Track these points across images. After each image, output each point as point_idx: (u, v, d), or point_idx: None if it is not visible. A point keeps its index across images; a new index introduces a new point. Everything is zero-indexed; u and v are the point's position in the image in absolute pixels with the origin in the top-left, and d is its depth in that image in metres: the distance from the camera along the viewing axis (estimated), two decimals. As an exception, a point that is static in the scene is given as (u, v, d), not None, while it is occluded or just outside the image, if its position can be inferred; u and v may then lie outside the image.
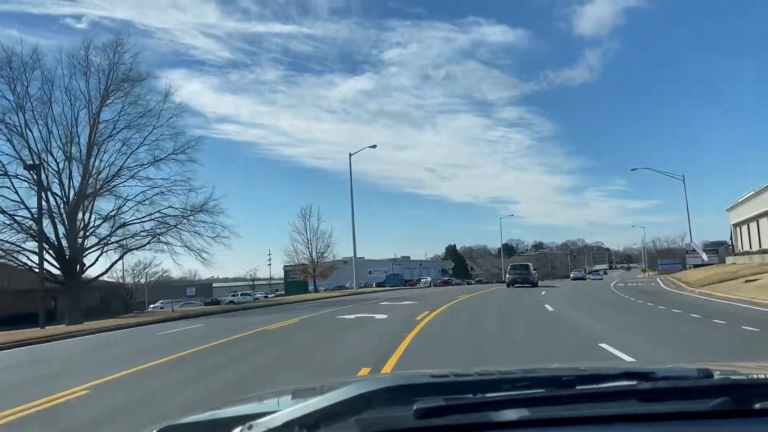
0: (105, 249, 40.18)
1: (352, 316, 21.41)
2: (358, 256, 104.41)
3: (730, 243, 68.50)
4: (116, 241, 40.32)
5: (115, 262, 41.14)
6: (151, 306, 78.82)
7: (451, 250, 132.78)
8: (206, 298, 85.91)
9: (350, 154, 57.41)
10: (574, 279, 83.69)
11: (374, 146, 58.83)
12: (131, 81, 39.21)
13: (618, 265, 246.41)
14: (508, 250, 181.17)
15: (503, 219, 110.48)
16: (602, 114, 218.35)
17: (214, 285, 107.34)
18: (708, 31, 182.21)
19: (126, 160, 39.28)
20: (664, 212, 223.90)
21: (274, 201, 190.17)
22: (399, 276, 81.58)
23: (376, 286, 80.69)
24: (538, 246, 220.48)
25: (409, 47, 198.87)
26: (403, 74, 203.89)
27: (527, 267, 51.01)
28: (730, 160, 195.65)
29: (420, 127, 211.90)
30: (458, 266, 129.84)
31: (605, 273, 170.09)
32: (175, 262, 74.45)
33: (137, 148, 39.49)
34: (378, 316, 20.80)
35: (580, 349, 11.40)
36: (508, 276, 49.14)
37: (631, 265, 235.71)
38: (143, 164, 39.85)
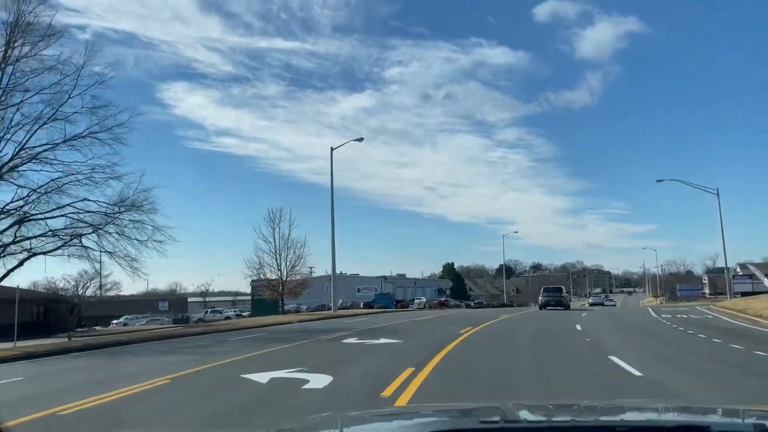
0: (3, 253, 30.17)
1: (263, 380, 11.16)
2: (350, 272, 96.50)
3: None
4: (15, 242, 30.29)
5: (12, 269, 30.97)
6: (114, 322, 69.50)
7: (449, 269, 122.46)
8: (179, 313, 76.35)
9: (332, 148, 47.56)
10: (593, 305, 72.67)
11: (361, 139, 53.10)
12: (42, 35, 29.28)
13: (618, 289, 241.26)
14: (507, 271, 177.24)
15: (505, 236, 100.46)
16: (602, 137, 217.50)
17: (191, 300, 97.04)
18: (710, 57, 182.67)
19: (29, 137, 29.35)
20: (662, 237, 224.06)
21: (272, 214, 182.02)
22: (390, 296, 71.63)
23: (364, 306, 70.58)
24: (536, 267, 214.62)
25: (410, 66, 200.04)
26: (404, 93, 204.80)
27: (560, 290, 50.29)
28: (735, 184, 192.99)
29: (420, 146, 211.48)
30: (456, 286, 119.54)
31: (605, 297, 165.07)
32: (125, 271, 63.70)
33: (46, 123, 29.49)
34: (309, 384, 10.58)
35: None
36: (541, 298, 49.17)
37: (632, 289, 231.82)
38: (53, 143, 29.86)
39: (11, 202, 29.74)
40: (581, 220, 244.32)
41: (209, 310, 76.66)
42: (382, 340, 19.62)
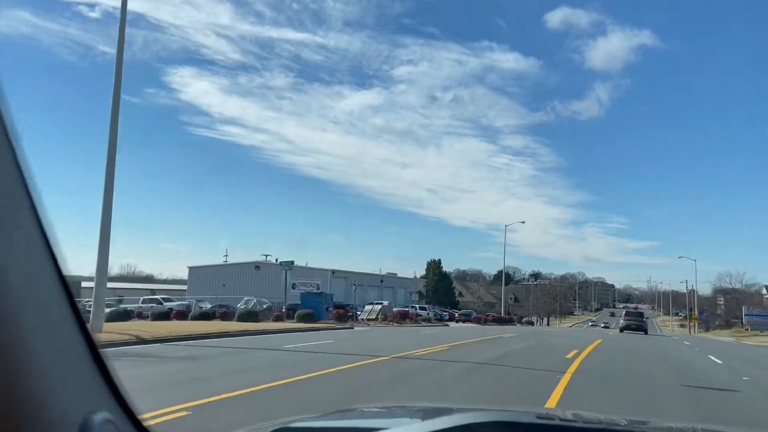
0: None
1: None
2: (329, 267, 71.65)
3: None
4: None
5: None
6: None
7: (434, 268, 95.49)
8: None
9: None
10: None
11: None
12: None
13: (621, 305, 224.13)
14: (505, 277, 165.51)
15: (506, 238, 73.56)
16: (608, 150, 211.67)
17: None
18: (723, 76, 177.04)
19: None
20: (662, 254, 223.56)
21: (271, 207, 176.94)
22: (324, 297, 45.45)
23: (286, 310, 43.87)
24: (536, 275, 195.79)
25: (419, 66, 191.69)
26: (412, 92, 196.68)
27: (641, 314, 51.59)
28: (745, 205, 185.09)
29: (424, 147, 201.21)
30: (442, 289, 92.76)
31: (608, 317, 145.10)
32: None
33: None
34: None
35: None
36: (622, 322, 48.83)
37: (636, 306, 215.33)
38: None
39: None
40: (581, 233, 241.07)
41: (142, 298, 51.19)
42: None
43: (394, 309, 50.52)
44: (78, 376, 0.96)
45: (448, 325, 47.68)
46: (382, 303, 51.38)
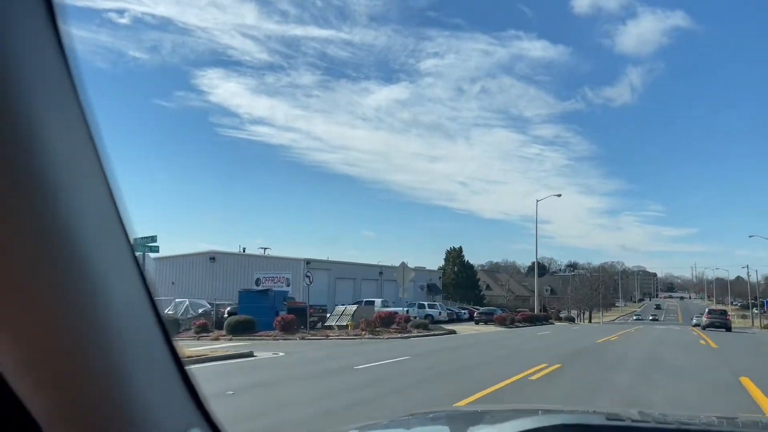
0: None
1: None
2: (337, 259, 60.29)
3: None
4: None
5: None
6: None
7: (455, 257, 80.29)
8: None
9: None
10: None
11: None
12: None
13: (665, 294, 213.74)
14: (540, 268, 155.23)
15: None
16: (642, 136, 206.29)
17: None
18: (759, 57, 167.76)
19: None
20: (702, 240, 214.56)
21: (303, 205, 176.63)
22: (276, 295, 31.46)
23: (228, 315, 29.89)
24: (572, 266, 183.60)
25: (446, 58, 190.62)
26: (439, 85, 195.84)
27: (725, 312, 52.00)
28: None
29: (453, 140, 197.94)
30: (463, 281, 77.54)
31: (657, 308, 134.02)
32: None
33: None
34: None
35: None
36: (705, 319, 48.41)
37: (681, 295, 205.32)
38: None
39: None
40: (617, 222, 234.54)
41: None
42: None
43: (379, 309, 35.86)
44: (169, 392, 0.95)
45: (455, 332, 32.84)
46: (355, 305, 36.75)
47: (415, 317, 43.50)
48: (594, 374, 13.20)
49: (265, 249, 50.70)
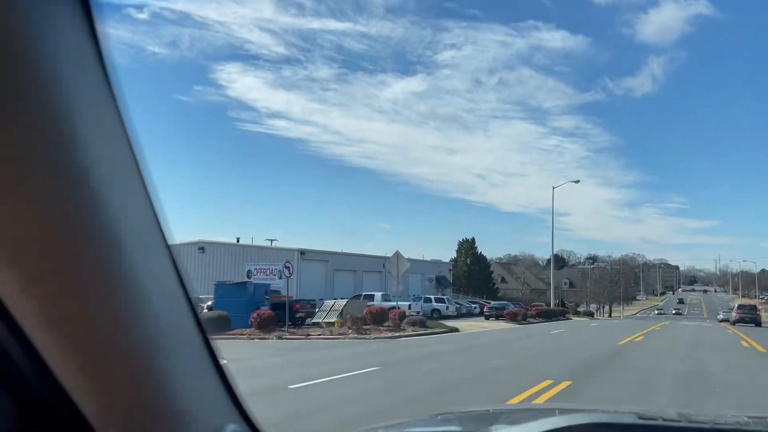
0: None
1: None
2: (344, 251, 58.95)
3: None
4: None
5: None
6: None
7: (467, 248, 76.25)
8: None
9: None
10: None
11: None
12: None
13: (689, 287, 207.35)
14: (559, 261, 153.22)
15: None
16: (663, 127, 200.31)
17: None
18: None
19: None
20: (726, 233, 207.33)
21: (321, 198, 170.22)
22: (255, 288, 28.17)
23: (208, 310, 26.29)
24: (592, 259, 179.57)
25: (464, 49, 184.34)
26: (456, 77, 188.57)
27: (755, 308, 51.21)
28: None
29: (471, 132, 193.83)
30: (476, 274, 73.57)
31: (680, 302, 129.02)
32: None
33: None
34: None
35: None
36: (734, 314, 49.03)
37: (705, 288, 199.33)
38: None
39: None
40: (638, 214, 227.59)
41: None
42: None
43: (378, 304, 32.30)
44: (208, 389, 0.95)
45: (457, 330, 29.11)
46: (346, 298, 33.20)
47: (417, 312, 39.95)
48: (616, 401, 9.45)
49: (272, 240, 47.48)
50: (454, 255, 77.36)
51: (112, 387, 0.80)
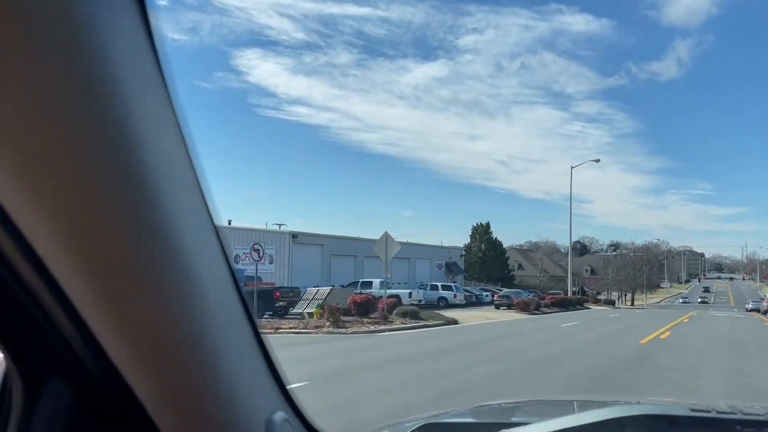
0: None
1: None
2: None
3: None
4: None
5: None
6: None
7: (481, 233, 72.30)
8: None
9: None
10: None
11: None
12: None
13: (715, 275, 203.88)
14: (581, 248, 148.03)
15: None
16: (689, 112, 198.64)
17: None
18: None
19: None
20: (753, 220, 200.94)
21: (342, 185, 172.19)
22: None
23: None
24: (615, 246, 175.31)
25: (485, 34, 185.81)
26: (478, 62, 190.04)
27: None
28: None
29: (493, 118, 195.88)
30: (491, 260, 69.77)
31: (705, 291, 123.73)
32: None
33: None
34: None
35: None
36: (765, 304, 49.13)
37: (732, 275, 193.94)
38: None
39: None
40: (662, 200, 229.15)
41: None
42: None
43: (376, 292, 29.04)
44: (258, 378, 0.98)
45: (456, 322, 25.64)
46: (329, 287, 29.90)
47: (419, 301, 36.59)
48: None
49: (280, 225, 44.39)
50: (468, 241, 73.57)
51: (167, 378, 0.81)
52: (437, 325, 23.49)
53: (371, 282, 35.50)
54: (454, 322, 25.52)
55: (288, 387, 1.05)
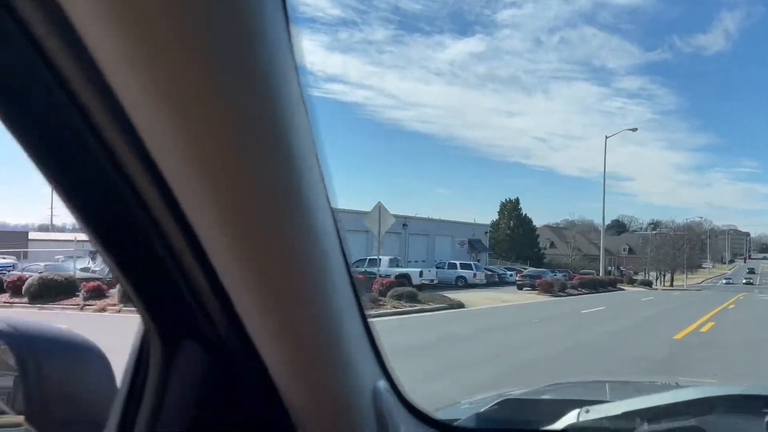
0: None
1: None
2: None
3: None
4: None
5: None
6: None
7: (510, 209, 68.31)
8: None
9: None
10: None
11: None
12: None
13: (761, 255, 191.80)
14: (620, 226, 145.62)
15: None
16: (736, 87, 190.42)
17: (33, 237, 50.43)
18: None
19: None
20: None
21: (378, 162, 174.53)
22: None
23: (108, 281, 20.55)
24: (655, 224, 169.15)
25: (524, 8, 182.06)
26: (516, 37, 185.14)
27: None
28: None
29: (531, 94, 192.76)
30: (519, 238, 65.93)
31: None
32: None
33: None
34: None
35: None
36: None
37: None
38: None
39: None
40: (705, 178, 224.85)
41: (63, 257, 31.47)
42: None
43: (384, 271, 26.08)
44: (363, 346, 1.03)
45: (462, 306, 22.38)
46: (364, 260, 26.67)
47: (431, 281, 33.39)
48: None
49: None
50: (496, 217, 69.84)
51: (300, 346, 0.85)
52: (436, 310, 20.27)
53: (379, 260, 32.41)
54: (460, 305, 22.26)
55: (385, 358, 1.09)
